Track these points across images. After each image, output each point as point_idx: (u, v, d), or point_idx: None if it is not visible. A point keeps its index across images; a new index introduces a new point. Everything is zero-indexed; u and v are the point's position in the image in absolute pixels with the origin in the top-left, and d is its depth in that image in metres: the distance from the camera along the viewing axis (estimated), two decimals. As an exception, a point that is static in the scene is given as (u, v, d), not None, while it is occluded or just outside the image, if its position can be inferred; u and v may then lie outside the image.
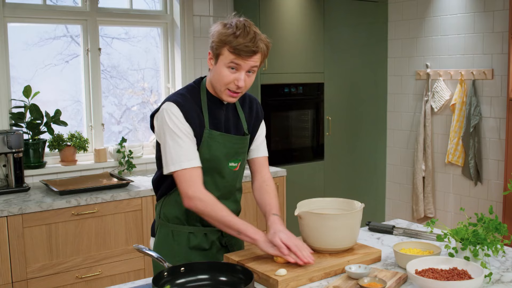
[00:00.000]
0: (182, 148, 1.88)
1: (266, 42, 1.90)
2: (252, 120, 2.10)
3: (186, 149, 1.88)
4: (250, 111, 2.10)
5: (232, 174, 2.03)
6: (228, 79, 1.88)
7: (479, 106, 4.29)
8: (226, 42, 1.84)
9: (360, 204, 2.04)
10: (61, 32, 3.83)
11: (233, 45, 1.83)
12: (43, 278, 3.05)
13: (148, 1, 4.19)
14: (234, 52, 1.84)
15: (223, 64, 1.87)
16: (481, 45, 4.28)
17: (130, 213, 3.31)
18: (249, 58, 1.85)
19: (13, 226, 2.94)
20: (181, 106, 1.90)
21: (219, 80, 1.90)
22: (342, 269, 1.86)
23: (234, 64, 1.86)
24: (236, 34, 1.83)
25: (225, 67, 1.87)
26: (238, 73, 1.88)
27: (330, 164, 4.68)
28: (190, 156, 1.89)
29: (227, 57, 1.85)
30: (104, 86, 4.02)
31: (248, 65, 1.87)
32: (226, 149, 1.98)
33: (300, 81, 4.41)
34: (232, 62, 1.85)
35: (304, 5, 4.34)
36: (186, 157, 1.88)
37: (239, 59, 1.85)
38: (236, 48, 1.83)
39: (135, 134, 4.23)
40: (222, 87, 1.90)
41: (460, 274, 1.69)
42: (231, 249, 2.10)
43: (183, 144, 1.88)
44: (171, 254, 2.00)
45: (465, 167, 4.44)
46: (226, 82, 1.88)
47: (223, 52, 1.86)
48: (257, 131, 2.13)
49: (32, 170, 3.54)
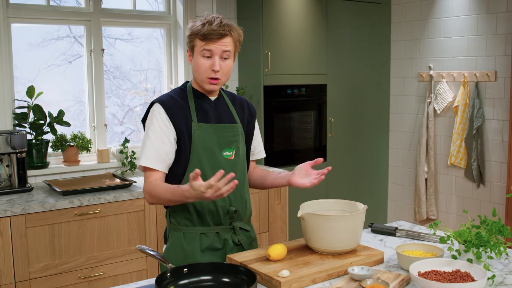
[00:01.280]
0: (147, 147, 1.98)
1: (235, 28, 2.02)
2: (245, 116, 2.18)
3: (151, 149, 1.97)
4: (241, 109, 2.18)
5: (228, 163, 2.05)
6: (204, 66, 1.98)
7: (482, 108, 4.29)
8: (197, 33, 1.96)
9: (363, 205, 2.04)
10: (64, 32, 3.84)
11: (201, 33, 1.95)
12: (46, 278, 3.06)
13: (151, 2, 4.19)
14: (204, 38, 1.95)
15: (197, 54, 1.98)
16: (484, 47, 4.27)
17: (132, 214, 3.31)
18: (218, 41, 1.95)
19: (16, 226, 2.94)
20: (164, 104, 2.00)
21: (198, 71, 2.01)
22: (345, 270, 1.86)
23: (206, 51, 1.96)
24: (204, 24, 1.96)
25: (199, 56, 1.98)
26: (212, 58, 1.97)
27: (333, 166, 4.67)
28: (161, 158, 1.98)
29: (199, 45, 1.97)
30: (107, 87, 4.03)
31: (220, 49, 1.96)
32: (217, 139, 2.04)
33: (303, 82, 4.41)
34: (204, 49, 1.96)
35: (307, 7, 4.34)
36: (157, 158, 1.97)
37: (210, 44, 1.95)
38: (204, 34, 1.94)
39: (138, 134, 4.24)
40: (202, 76, 2.00)
41: (463, 276, 1.68)
42: (245, 247, 2.11)
43: (149, 144, 1.98)
44: (184, 256, 2.01)
45: (467, 169, 4.44)
46: (204, 70, 1.99)
47: (195, 43, 1.98)
48: (254, 128, 2.21)
49: (35, 171, 3.55)
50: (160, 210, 3.40)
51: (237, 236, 2.09)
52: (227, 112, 2.12)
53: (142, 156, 1.98)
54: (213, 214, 2.03)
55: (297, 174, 2.04)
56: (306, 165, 2.05)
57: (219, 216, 2.04)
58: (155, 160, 1.97)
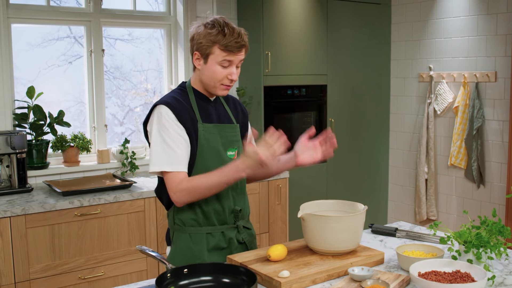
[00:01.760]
0: (166, 152, 1.94)
1: (246, 35, 2.03)
2: (238, 115, 2.20)
3: (171, 153, 1.94)
4: (235, 108, 2.21)
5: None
6: (221, 75, 1.98)
7: (482, 108, 4.29)
8: (216, 42, 1.94)
9: (363, 206, 2.04)
10: (64, 33, 3.84)
11: (223, 43, 1.94)
12: (46, 279, 3.06)
13: (151, 2, 4.20)
14: (226, 49, 1.95)
15: (215, 62, 1.97)
16: (485, 48, 4.28)
17: (133, 214, 3.31)
18: (239, 53, 1.98)
19: (16, 226, 2.94)
20: (171, 106, 1.98)
21: (212, 78, 2.00)
22: (345, 271, 1.86)
23: (227, 61, 1.97)
24: (224, 33, 1.94)
25: (217, 64, 1.97)
26: (230, 68, 1.99)
27: (333, 166, 4.68)
28: (180, 159, 1.95)
29: (219, 55, 1.96)
30: (107, 87, 4.03)
31: (238, 59, 2.00)
32: (222, 139, 2.05)
33: (303, 83, 4.41)
34: (224, 59, 1.96)
35: (307, 7, 4.34)
36: (176, 160, 1.94)
37: (231, 55, 1.96)
38: (227, 46, 1.94)
39: (138, 135, 4.24)
40: (216, 83, 2.01)
41: (463, 277, 1.68)
42: (248, 245, 2.13)
43: (167, 148, 1.94)
44: (191, 257, 2.01)
45: (468, 169, 4.44)
46: (220, 78, 1.99)
47: (213, 51, 1.96)
48: (248, 129, 2.23)
49: (35, 171, 3.55)
50: (160, 210, 3.40)
51: (241, 235, 2.10)
52: (225, 113, 2.13)
53: (165, 161, 1.93)
54: (219, 214, 2.04)
55: (300, 154, 2.10)
56: (303, 141, 2.12)
57: (225, 216, 2.06)
58: (178, 163, 1.94)
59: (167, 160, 1.93)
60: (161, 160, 1.94)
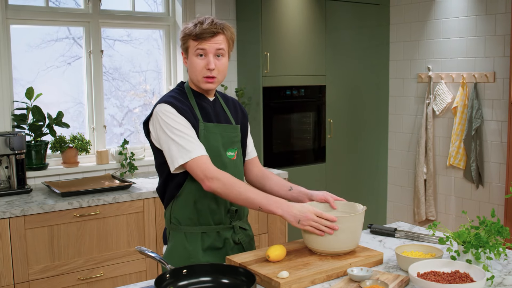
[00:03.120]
0: (187, 140, 1.93)
1: (229, 26, 2.05)
2: (238, 116, 2.19)
3: (191, 140, 1.94)
4: (234, 109, 2.21)
5: (232, 163, 2.08)
6: (199, 66, 1.99)
7: (480, 109, 4.29)
8: (190, 34, 1.99)
9: (362, 206, 2.04)
10: (63, 34, 3.84)
11: (194, 33, 1.97)
12: (45, 280, 3.06)
13: (150, 3, 4.20)
14: (197, 38, 1.97)
15: (192, 54, 2.00)
16: (483, 48, 4.28)
17: (132, 215, 3.31)
18: (211, 40, 1.97)
19: (15, 227, 2.94)
20: (173, 105, 1.98)
21: (194, 71, 2.02)
22: (344, 271, 1.86)
23: (200, 50, 1.98)
24: (195, 25, 1.99)
25: (194, 56, 2.00)
26: (206, 57, 1.99)
27: (332, 167, 4.68)
28: (196, 145, 1.94)
29: (193, 45, 1.99)
30: (106, 88, 4.03)
31: (213, 48, 1.98)
32: (222, 139, 2.05)
33: (302, 83, 4.42)
34: (197, 48, 1.98)
35: (306, 8, 4.35)
36: (193, 147, 1.93)
37: (203, 43, 1.97)
38: (197, 34, 1.97)
39: (137, 136, 4.24)
40: (198, 76, 2.01)
41: (462, 277, 1.69)
42: (244, 246, 2.12)
43: (186, 137, 1.94)
44: (185, 256, 2.02)
45: (466, 170, 4.44)
46: (199, 69, 2.00)
47: (189, 44, 2.01)
48: (247, 130, 2.23)
49: (34, 172, 3.55)
50: (159, 211, 3.40)
51: (237, 235, 2.10)
52: (223, 113, 2.13)
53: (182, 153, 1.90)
54: (214, 213, 2.04)
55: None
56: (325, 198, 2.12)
57: (220, 215, 2.05)
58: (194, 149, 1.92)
59: (189, 148, 1.92)
60: (184, 150, 1.92)
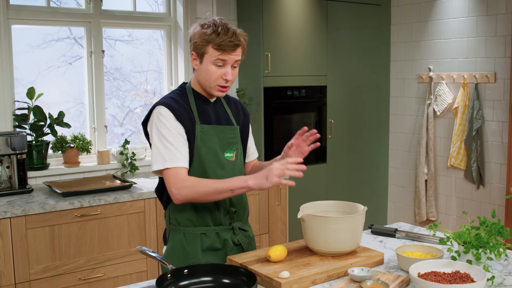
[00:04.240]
0: (168, 150, 1.94)
1: (244, 36, 2.02)
2: (240, 117, 2.20)
3: (172, 150, 1.94)
4: (236, 110, 2.21)
5: (230, 165, 2.09)
6: (216, 75, 1.98)
7: (481, 109, 4.29)
8: (210, 41, 1.95)
9: (363, 207, 2.05)
10: (64, 34, 3.84)
11: (216, 42, 1.94)
12: (46, 280, 3.06)
13: (151, 3, 4.20)
14: (219, 48, 1.95)
15: (209, 62, 1.98)
16: (484, 49, 4.28)
17: (133, 215, 3.31)
18: (233, 52, 1.97)
19: (16, 227, 2.94)
20: (170, 107, 1.99)
21: (208, 78, 2.00)
22: (345, 271, 1.86)
23: (220, 60, 1.97)
24: (217, 32, 1.94)
25: (211, 64, 1.98)
26: (224, 68, 1.98)
27: (333, 167, 4.68)
28: (176, 156, 1.95)
29: (213, 54, 1.96)
30: (107, 88, 4.03)
31: (233, 59, 1.98)
32: (219, 140, 2.06)
33: (303, 84, 4.42)
34: (218, 58, 1.96)
35: (307, 8, 4.35)
36: (171, 158, 1.94)
37: (224, 55, 1.96)
38: (220, 45, 1.94)
39: (138, 136, 4.24)
40: (211, 83, 2.01)
41: (463, 278, 1.69)
42: (244, 247, 2.13)
43: (169, 146, 1.95)
44: (185, 257, 2.02)
45: (467, 170, 4.44)
46: (215, 78, 1.99)
47: (207, 50, 1.97)
48: (249, 131, 2.24)
49: (35, 172, 3.55)
50: (160, 211, 3.41)
51: (237, 236, 2.10)
52: (225, 114, 2.14)
53: (165, 158, 1.93)
54: (213, 214, 2.04)
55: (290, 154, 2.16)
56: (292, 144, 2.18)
57: (220, 216, 2.06)
58: (178, 159, 1.94)
59: (167, 157, 1.94)
60: (161, 158, 1.94)
